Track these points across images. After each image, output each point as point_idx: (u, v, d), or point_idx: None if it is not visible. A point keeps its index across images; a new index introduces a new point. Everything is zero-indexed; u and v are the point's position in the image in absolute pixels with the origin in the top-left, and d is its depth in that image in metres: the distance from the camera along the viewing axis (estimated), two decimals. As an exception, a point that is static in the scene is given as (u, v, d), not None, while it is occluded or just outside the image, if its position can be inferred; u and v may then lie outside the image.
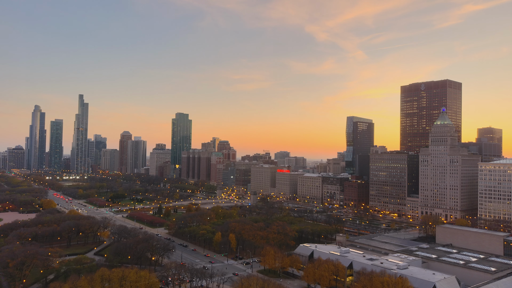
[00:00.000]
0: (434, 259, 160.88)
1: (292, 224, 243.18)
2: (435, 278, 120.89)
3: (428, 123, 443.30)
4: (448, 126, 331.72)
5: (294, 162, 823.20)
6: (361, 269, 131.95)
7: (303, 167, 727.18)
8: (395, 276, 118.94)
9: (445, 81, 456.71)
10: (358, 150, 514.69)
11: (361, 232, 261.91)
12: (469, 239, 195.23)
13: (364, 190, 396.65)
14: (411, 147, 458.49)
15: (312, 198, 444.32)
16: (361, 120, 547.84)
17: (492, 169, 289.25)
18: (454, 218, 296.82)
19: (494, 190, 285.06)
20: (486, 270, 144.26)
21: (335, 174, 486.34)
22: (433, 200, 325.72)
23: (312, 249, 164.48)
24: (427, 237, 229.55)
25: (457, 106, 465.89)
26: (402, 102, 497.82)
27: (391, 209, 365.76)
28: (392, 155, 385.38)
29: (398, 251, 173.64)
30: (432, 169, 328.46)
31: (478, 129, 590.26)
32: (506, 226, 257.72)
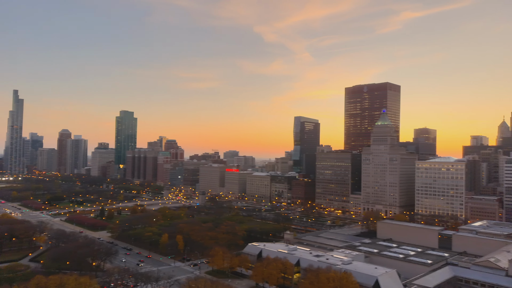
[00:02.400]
0: (376, 253, 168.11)
1: (241, 223, 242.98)
2: (377, 272, 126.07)
3: (370, 124, 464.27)
4: (388, 126, 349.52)
5: (243, 162, 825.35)
6: (308, 266, 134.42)
7: (252, 166, 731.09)
8: (340, 271, 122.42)
9: (385, 84, 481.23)
10: (305, 149, 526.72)
11: (308, 229, 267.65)
12: (408, 234, 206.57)
13: (310, 188, 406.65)
14: (355, 146, 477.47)
15: (260, 197, 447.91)
16: (308, 120, 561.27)
17: (427, 167, 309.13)
18: (394, 214, 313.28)
19: (429, 187, 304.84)
20: (423, 263, 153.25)
21: (283, 173, 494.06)
22: (375, 197, 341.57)
23: (260, 248, 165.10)
24: (369, 232, 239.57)
25: (396, 108, 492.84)
26: (346, 103, 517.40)
27: (336, 206, 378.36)
28: (337, 154, 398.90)
29: (343, 246, 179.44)
30: (373, 167, 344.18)
31: (415, 130, 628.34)
32: (440, 220, 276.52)
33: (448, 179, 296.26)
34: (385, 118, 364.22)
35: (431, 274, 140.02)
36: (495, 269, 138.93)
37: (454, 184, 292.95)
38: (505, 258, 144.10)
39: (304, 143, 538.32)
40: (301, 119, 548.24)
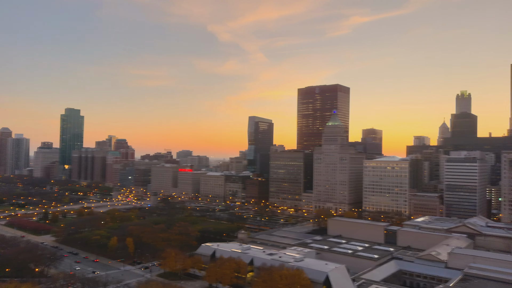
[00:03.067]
0: (326, 250, 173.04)
1: (195, 224, 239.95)
2: (328, 268, 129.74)
3: (322, 124, 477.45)
4: (339, 127, 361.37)
5: (197, 161, 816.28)
6: (262, 265, 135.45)
7: (206, 166, 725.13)
8: (292, 269, 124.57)
9: (336, 85, 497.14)
10: (259, 149, 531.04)
11: (262, 228, 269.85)
12: (356, 230, 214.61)
13: (264, 187, 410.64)
14: (307, 146, 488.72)
15: (215, 196, 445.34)
16: (262, 120, 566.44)
17: (374, 166, 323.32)
18: (343, 211, 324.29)
19: (376, 184, 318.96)
20: (370, 258, 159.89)
21: (237, 172, 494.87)
22: (326, 195, 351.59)
23: (214, 248, 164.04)
24: (320, 230, 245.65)
25: (346, 109, 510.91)
26: (299, 104, 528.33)
27: (289, 204, 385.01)
28: (290, 153, 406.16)
29: (295, 244, 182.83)
30: (324, 166, 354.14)
31: (363, 130, 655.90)
32: (386, 216, 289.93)
33: (393, 177, 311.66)
34: (336, 119, 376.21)
35: (377, 268, 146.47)
36: (436, 261, 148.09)
37: (398, 182, 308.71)
38: (445, 251, 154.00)
39: (258, 143, 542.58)
40: (255, 119, 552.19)
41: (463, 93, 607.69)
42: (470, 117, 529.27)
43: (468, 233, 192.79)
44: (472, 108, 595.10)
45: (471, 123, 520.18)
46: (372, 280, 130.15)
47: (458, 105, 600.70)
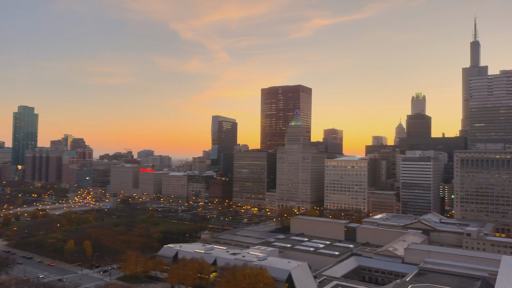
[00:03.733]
0: (289, 248, 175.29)
1: (157, 225, 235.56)
2: (290, 266, 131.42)
3: (285, 124, 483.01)
4: (301, 127, 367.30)
5: (159, 161, 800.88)
6: (225, 265, 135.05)
7: (168, 166, 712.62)
8: (256, 268, 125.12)
9: (298, 86, 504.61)
10: (223, 148, 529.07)
11: (225, 228, 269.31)
12: (318, 228, 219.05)
13: (228, 187, 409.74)
14: (270, 145, 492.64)
15: (177, 197, 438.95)
16: (225, 119, 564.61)
17: (335, 165, 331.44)
18: (306, 210, 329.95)
19: (337, 183, 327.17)
20: (331, 255, 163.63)
21: (200, 172, 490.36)
22: (288, 194, 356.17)
23: (176, 249, 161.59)
24: (283, 228, 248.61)
25: (308, 109, 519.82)
26: (262, 103, 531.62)
27: (253, 204, 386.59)
28: (253, 153, 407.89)
29: (258, 243, 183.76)
30: (287, 165, 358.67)
31: (324, 130, 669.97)
32: (346, 214, 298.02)
33: (353, 176, 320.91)
34: (298, 119, 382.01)
35: (338, 264, 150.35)
36: (393, 257, 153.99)
37: (358, 181, 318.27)
38: (402, 247, 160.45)
39: (222, 142, 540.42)
40: (219, 119, 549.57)
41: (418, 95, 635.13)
42: (425, 118, 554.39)
43: (423, 229, 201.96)
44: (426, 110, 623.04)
45: (425, 124, 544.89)
46: (333, 277, 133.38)
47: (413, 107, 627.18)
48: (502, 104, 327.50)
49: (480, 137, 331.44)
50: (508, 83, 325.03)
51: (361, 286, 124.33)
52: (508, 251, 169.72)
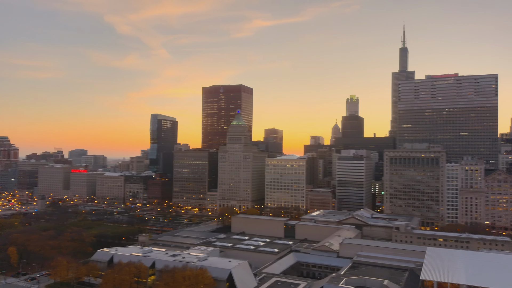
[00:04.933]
0: (230, 247, 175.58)
1: (90, 228, 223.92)
2: (231, 265, 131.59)
3: (226, 123, 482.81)
4: (242, 126, 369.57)
5: (93, 161, 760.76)
6: (164, 267, 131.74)
7: (103, 166, 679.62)
8: (196, 268, 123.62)
9: (239, 86, 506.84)
10: (162, 147, 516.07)
11: (165, 229, 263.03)
12: (258, 226, 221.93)
13: (168, 187, 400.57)
14: (212, 145, 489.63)
15: (113, 198, 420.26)
16: (165, 118, 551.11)
17: (275, 164, 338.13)
18: (247, 208, 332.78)
19: (277, 181, 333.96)
20: (271, 252, 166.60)
21: (138, 172, 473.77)
22: (230, 193, 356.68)
23: (112, 253, 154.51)
24: (224, 228, 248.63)
25: (249, 109, 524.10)
26: (203, 102, 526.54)
27: (193, 204, 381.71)
28: (194, 152, 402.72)
29: (199, 243, 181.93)
30: (229, 165, 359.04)
31: (265, 130, 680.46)
32: (286, 212, 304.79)
33: (292, 175, 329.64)
34: (240, 119, 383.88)
35: (278, 261, 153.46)
36: (329, 252, 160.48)
37: (297, 179, 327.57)
38: (337, 242, 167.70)
39: (161, 142, 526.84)
40: (158, 117, 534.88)
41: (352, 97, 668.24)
42: (358, 119, 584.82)
43: (357, 224, 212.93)
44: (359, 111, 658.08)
45: (358, 124, 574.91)
46: (273, 273, 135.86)
47: (348, 108, 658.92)
48: (427, 106, 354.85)
49: (407, 137, 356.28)
50: (433, 87, 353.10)
51: (299, 281, 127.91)
52: (432, 243, 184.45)
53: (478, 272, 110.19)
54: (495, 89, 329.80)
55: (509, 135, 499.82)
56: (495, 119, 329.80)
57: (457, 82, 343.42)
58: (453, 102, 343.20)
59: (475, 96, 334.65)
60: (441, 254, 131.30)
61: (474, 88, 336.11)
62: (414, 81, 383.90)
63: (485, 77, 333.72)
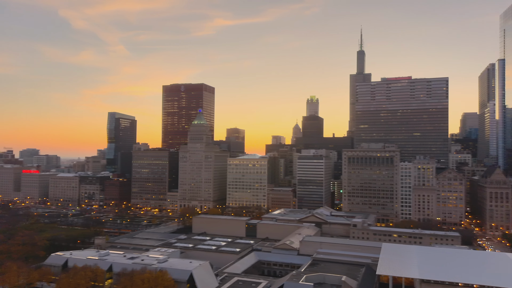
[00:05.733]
0: (191, 248, 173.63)
1: (43, 232, 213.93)
2: (192, 266, 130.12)
3: (187, 122, 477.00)
4: (204, 125, 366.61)
5: (46, 161, 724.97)
6: (122, 270, 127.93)
7: (56, 167, 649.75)
8: (156, 271, 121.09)
9: (201, 84, 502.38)
10: (120, 147, 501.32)
11: (122, 231, 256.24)
12: (220, 226, 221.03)
13: (126, 188, 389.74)
14: (172, 144, 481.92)
15: (67, 200, 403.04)
16: (123, 116, 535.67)
17: (237, 163, 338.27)
18: (208, 208, 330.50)
19: (239, 181, 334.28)
20: (232, 252, 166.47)
21: (95, 173, 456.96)
22: (191, 193, 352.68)
23: (66, 257, 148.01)
24: (185, 228, 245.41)
25: (211, 108, 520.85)
26: (164, 101, 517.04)
27: (153, 205, 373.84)
28: (154, 152, 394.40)
29: (159, 245, 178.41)
30: (190, 164, 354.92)
31: (227, 129, 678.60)
32: (247, 211, 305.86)
33: (254, 174, 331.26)
34: (201, 118, 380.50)
35: (239, 261, 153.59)
36: (290, 250, 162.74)
37: (258, 178, 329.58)
38: (297, 240, 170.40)
39: (119, 141, 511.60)
40: (116, 115, 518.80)
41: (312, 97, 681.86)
42: (318, 120, 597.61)
43: (316, 222, 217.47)
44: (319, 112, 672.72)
45: (318, 124, 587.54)
46: (234, 273, 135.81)
47: (308, 108, 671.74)
48: (382, 108, 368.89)
49: (364, 137, 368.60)
50: (388, 89, 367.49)
51: (260, 279, 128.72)
52: (387, 239, 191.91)
53: (430, 266, 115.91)
54: (446, 92, 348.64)
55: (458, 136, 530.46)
56: (445, 120, 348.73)
57: (411, 85, 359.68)
58: (406, 103, 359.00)
59: (427, 98, 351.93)
60: (395, 250, 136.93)
61: (426, 91, 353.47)
62: (370, 83, 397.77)
63: (437, 80, 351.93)
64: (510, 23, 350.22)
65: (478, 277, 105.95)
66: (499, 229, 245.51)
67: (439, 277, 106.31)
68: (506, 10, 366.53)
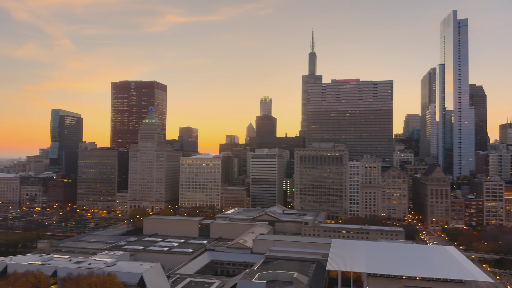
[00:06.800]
0: (141, 250, 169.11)
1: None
2: (142, 268, 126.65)
3: (138, 121, 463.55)
4: (156, 124, 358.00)
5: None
6: (67, 275, 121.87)
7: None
8: (104, 275, 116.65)
9: (152, 82, 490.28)
10: (65, 146, 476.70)
11: (68, 234, 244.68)
12: (172, 227, 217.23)
13: (71, 189, 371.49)
14: (122, 143, 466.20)
15: (6, 202, 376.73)
16: (69, 114, 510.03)
17: (190, 163, 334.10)
18: (160, 209, 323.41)
19: (192, 181, 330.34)
20: (185, 252, 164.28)
21: (37, 173, 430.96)
22: (142, 194, 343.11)
23: (5, 263, 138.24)
24: (136, 230, 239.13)
25: (163, 106, 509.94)
26: (113, 98, 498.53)
27: (101, 206, 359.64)
28: (102, 151, 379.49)
29: (107, 248, 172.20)
30: (141, 164, 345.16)
31: (180, 128, 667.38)
32: (201, 211, 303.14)
33: (207, 173, 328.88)
34: (153, 116, 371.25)
35: (192, 261, 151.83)
36: (243, 249, 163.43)
37: (212, 178, 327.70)
38: (251, 239, 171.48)
39: (64, 140, 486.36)
40: (60, 113, 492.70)
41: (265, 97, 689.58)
42: (271, 119, 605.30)
43: (269, 220, 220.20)
44: (273, 111, 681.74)
45: (271, 124, 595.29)
46: (186, 274, 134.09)
47: (261, 108, 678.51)
48: (332, 108, 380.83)
49: (315, 137, 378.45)
50: (337, 91, 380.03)
51: (213, 279, 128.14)
52: (336, 235, 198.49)
53: (377, 260, 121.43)
54: (390, 94, 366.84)
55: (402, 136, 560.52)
56: (390, 121, 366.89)
57: (359, 87, 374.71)
58: (355, 105, 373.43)
59: (373, 100, 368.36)
60: (344, 245, 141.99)
61: (373, 93, 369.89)
62: (321, 84, 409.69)
63: (382, 82, 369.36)
64: (449, 30, 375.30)
65: (420, 269, 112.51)
66: (439, 224, 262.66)
67: (384, 271, 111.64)
68: (445, 18, 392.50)
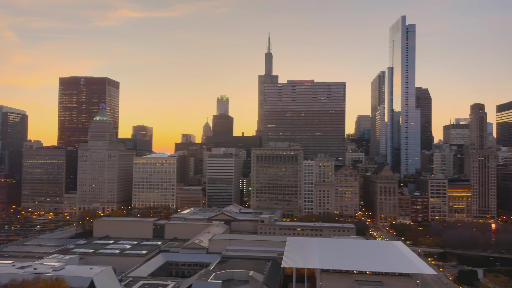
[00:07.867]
0: (91, 253, 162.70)
1: None
2: (92, 272, 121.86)
3: (88, 118, 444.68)
4: (107, 122, 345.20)
5: None
6: (10, 281, 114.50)
7: None
8: (51, 280, 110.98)
9: (104, 78, 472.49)
10: (8, 145, 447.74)
11: (11, 238, 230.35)
12: (124, 228, 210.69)
13: (15, 190, 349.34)
14: (70, 142, 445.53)
15: None
16: (12, 110, 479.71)
17: (144, 162, 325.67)
18: (111, 210, 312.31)
19: (146, 181, 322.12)
20: (138, 255, 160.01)
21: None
22: (92, 195, 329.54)
23: None
24: (85, 233, 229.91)
25: (115, 104, 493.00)
26: (60, 95, 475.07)
27: (48, 208, 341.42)
28: (49, 150, 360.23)
29: (55, 252, 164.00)
30: (91, 164, 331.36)
31: (133, 127, 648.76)
32: (155, 212, 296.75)
33: (162, 173, 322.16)
34: (104, 114, 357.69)
35: (146, 263, 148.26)
36: (199, 249, 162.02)
37: (167, 177, 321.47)
38: (207, 239, 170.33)
39: (7, 138, 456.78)
40: (3, 109, 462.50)
41: (222, 96, 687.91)
42: (228, 119, 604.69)
43: (226, 220, 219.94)
44: (229, 111, 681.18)
45: (228, 123, 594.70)
46: (140, 277, 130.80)
47: (218, 107, 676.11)
48: (288, 109, 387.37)
49: (272, 136, 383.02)
50: (293, 91, 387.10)
51: (168, 281, 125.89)
52: (291, 233, 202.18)
53: (329, 256, 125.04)
54: (343, 95, 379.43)
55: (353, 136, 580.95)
56: (343, 122, 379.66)
57: (313, 88, 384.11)
58: (309, 105, 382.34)
59: (327, 100, 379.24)
60: (299, 243, 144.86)
61: (327, 94, 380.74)
62: (277, 84, 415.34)
63: (336, 84, 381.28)
64: (398, 35, 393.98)
65: (370, 264, 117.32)
66: (387, 220, 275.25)
67: (337, 266, 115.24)
68: (394, 23, 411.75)
